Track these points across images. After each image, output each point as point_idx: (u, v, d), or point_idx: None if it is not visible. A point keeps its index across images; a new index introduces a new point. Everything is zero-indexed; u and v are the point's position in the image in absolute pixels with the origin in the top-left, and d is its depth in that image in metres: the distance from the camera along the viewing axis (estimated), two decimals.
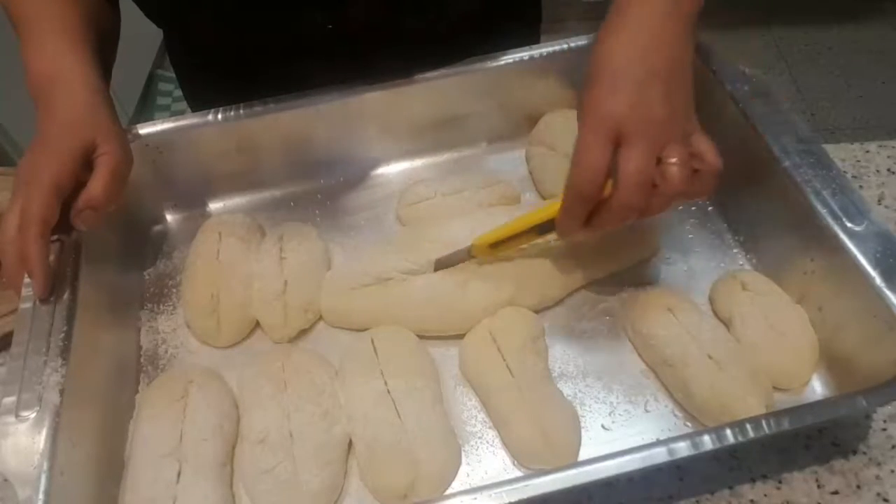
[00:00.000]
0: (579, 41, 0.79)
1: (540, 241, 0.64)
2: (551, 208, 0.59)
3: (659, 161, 0.53)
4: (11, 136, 1.65)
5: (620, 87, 0.55)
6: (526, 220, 0.63)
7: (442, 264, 0.67)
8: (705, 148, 0.55)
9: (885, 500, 0.57)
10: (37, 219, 0.58)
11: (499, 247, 0.65)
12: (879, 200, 0.77)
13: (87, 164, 0.62)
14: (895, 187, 0.78)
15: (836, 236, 0.60)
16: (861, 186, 0.78)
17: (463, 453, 0.60)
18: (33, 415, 0.54)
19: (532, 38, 0.94)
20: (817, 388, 0.62)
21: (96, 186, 0.61)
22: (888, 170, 0.80)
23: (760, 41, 2.48)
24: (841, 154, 0.81)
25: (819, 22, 2.48)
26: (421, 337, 0.67)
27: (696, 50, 0.75)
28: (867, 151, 0.82)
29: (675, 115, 0.55)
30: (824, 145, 0.66)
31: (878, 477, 0.58)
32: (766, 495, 0.58)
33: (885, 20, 2.44)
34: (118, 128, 0.66)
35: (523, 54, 0.79)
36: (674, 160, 0.53)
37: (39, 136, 0.62)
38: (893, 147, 0.82)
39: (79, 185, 0.61)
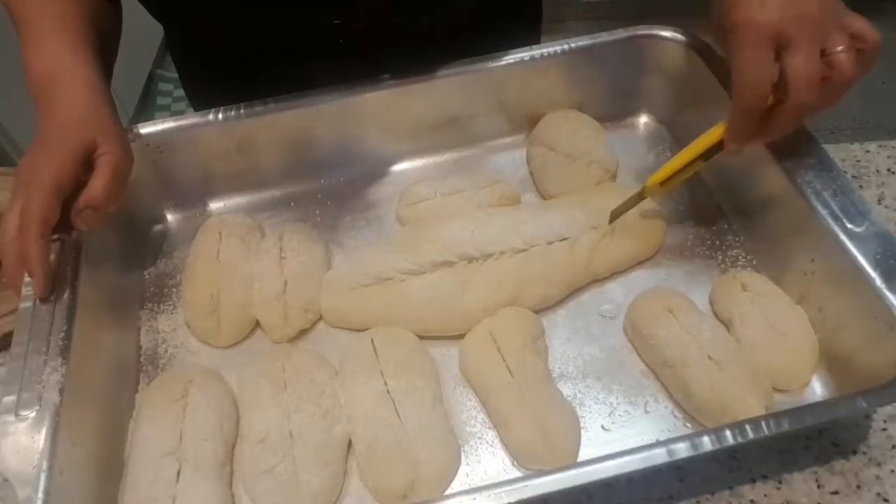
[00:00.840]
0: (580, 41, 0.79)
1: (705, 164, 0.66)
2: (714, 134, 0.62)
3: (823, 53, 0.54)
4: (11, 136, 1.65)
5: None
6: (692, 150, 0.64)
7: (617, 213, 0.70)
8: (862, 26, 0.56)
9: (885, 500, 0.57)
10: (37, 219, 0.58)
11: (668, 182, 0.67)
12: (879, 200, 0.77)
13: (87, 163, 0.62)
14: (895, 187, 0.78)
15: (836, 237, 0.60)
16: (861, 186, 0.78)
17: (462, 453, 0.60)
18: (33, 414, 0.54)
19: (533, 38, 0.94)
20: (817, 389, 0.62)
21: (97, 186, 0.61)
22: (888, 170, 0.80)
23: None
24: (841, 154, 0.81)
25: None
26: (421, 337, 0.67)
27: (699, 51, 0.76)
28: (867, 151, 0.82)
29: (826, 6, 0.55)
30: (824, 145, 0.66)
31: (878, 477, 0.58)
32: (766, 495, 0.58)
33: (885, 20, 2.43)
34: (119, 128, 0.66)
35: (524, 54, 0.79)
36: (840, 48, 0.54)
37: (40, 135, 0.62)
38: (893, 147, 0.82)
39: (79, 184, 0.61)
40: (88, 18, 0.68)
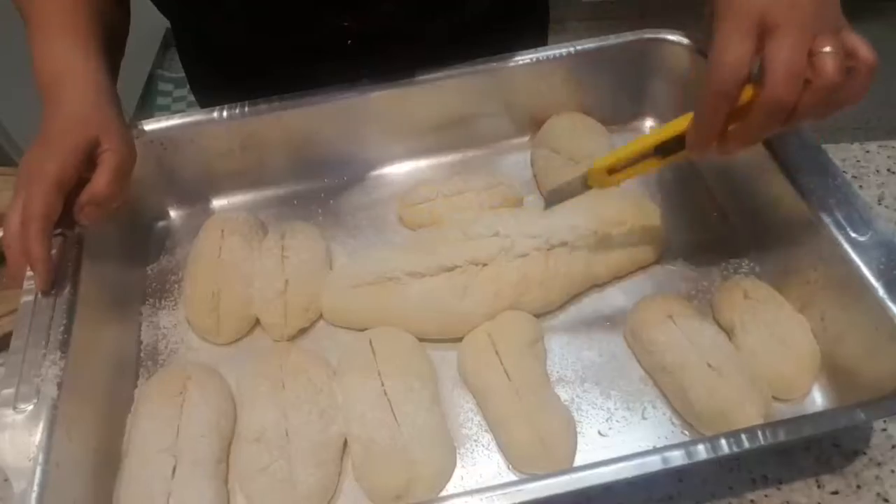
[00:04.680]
0: (586, 44, 0.79)
1: (663, 164, 0.59)
2: (676, 125, 0.56)
3: (810, 53, 0.48)
4: (11, 136, 1.65)
5: None
6: (648, 139, 0.59)
7: (554, 198, 0.64)
8: (858, 43, 0.50)
9: (885, 500, 0.57)
10: (39, 214, 0.58)
11: (618, 173, 0.61)
12: (879, 200, 0.77)
13: (90, 160, 0.62)
14: (895, 187, 0.78)
15: (839, 246, 0.59)
16: (861, 187, 0.78)
17: (458, 456, 0.60)
18: (30, 407, 0.54)
19: (539, 41, 0.94)
20: (818, 399, 0.61)
21: (99, 182, 0.61)
22: (888, 170, 0.80)
23: None
24: (841, 154, 0.81)
25: None
26: (421, 339, 0.67)
27: (704, 54, 0.76)
28: (867, 151, 0.81)
29: (827, 4, 0.51)
30: (824, 145, 0.66)
31: (878, 477, 0.58)
32: (766, 496, 0.57)
33: (885, 20, 2.41)
34: (122, 125, 0.66)
35: (530, 56, 0.79)
36: (828, 49, 0.48)
37: (43, 132, 0.62)
38: (893, 147, 0.82)
39: (82, 181, 0.61)
40: (96, 16, 0.69)
